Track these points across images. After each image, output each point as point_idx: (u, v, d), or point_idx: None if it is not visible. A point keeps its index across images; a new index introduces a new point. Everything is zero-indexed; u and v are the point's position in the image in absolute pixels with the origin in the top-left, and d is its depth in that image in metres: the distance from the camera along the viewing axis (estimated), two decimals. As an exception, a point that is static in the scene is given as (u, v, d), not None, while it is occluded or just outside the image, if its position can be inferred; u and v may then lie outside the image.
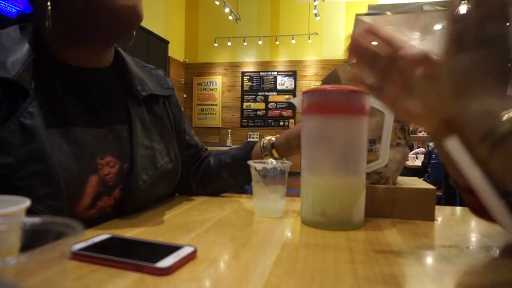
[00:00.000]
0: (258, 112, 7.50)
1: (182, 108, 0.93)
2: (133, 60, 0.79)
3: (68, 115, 0.60)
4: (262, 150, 0.83)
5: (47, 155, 0.53)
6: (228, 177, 0.86)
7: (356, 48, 0.45)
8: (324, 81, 0.78)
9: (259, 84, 7.48)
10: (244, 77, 7.54)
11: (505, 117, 0.32)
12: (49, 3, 0.59)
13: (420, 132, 4.65)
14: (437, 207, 0.68)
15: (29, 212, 0.48)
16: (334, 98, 0.59)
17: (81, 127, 0.61)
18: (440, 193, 3.44)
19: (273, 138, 0.84)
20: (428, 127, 0.48)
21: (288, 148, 0.83)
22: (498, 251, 0.50)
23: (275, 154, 0.83)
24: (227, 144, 6.91)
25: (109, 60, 0.71)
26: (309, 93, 0.62)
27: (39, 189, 0.52)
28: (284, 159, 0.84)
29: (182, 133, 0.85)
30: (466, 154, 0.32)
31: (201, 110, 7.72)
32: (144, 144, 0.69)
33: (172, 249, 0.44)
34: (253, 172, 0.68)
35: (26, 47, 0.59)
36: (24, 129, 0.53)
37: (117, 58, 0.74)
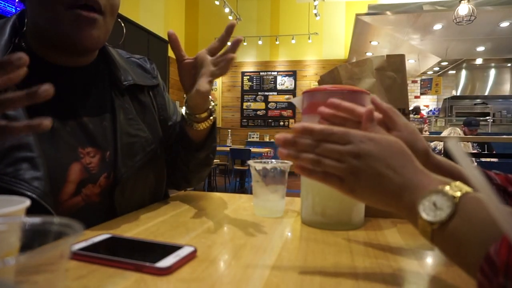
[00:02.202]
0: (258, 112, 7.50)
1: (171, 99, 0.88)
2: (116, 51, 0.78)
3: (47, 108, 0.60)
4: (184, 119, 0.73)
5: (33, 143, 0.55)
6: (178, 146, 0.79)
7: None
8: (322, 78, 0.77)
9: (259, 84, 7.48)
10: (244, 77, 7.54)
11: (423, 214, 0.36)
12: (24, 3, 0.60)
13: (425, 131, 4.65)
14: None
15: (18, 194, 0.49)
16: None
17: (60, 120, 0.62)
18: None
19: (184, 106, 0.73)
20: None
21: (190, 100, 0.69)
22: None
23: (190, 113, 0.71)
24: (227, 144, 6.90)
25: (90, 60, 0.70)
26: (309, 93, 0.62)
27: (26, 173, 0.53)
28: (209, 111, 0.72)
29: (166, 122, 0.82)
30: (466, 154, 0.32)
31: (201, 110, 7.72)
32: (128, 132, 0.69)
33: (172, 249, 0.44)
34: (253, 172, 0.68)
35: (4, 40, 0.60)
36: (6, 119, 0.53)
37: (101, 54, 0.73)
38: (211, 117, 0.74)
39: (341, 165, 0.40)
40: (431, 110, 7.99)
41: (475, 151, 4.03)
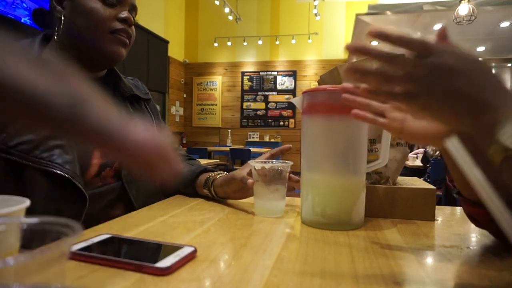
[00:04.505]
0: (258, 112, 7.50)
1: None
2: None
3: None
4: (204, 183, 0.82)
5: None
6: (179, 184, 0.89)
7: (359, 49, 0.42)
8: (322, 78, 0.77)
9: (259, 84, 7.48)
10: (244, 77, 7.54)
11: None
12: (62, 18, 0.74)
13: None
14: (437, 207, 0.68)
15: (54, 175, 0.62)
16: (334, 98, 0.59)
17: None
18: (440, 193, 3.44)
19: (218, 176, 0.81)
20: (438, 145, 0.47)
21: (224, 192, 0.79)
22: (498, 251, 0.50)
23: (212, 193, 0.81)
24: (227, 144, 6.90)
25: (103, 73, 0.86)
26: (309, 93, 0.62)
27: (60, 157, 0.64)
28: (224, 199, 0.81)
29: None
30: (466, 154, 0.32)
31: (201, 110, 7.72)
32: None
33: (172, 249, 0.44)
34: (253, 172, 0.68)
35: (34, 53, 0.71)
36: None
37: (108, 70, 0.89)
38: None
39: (417, 81, 0.36)
40: (431, 110, 7.98)
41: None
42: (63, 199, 0.64)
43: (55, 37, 0.76)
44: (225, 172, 0.83)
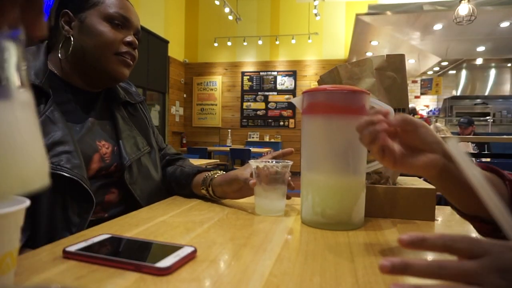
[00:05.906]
0: (258, 112, 7.50)
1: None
2: None
3: (72, 115, 0.78)
4: (202, 183, 0.81)
5: (71, 140, 0.70)
6: (173, 184, 0.91)
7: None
8: (322, 78, 0.78)
9: (259, 84, 7.48)
10: (244, 77, 7.54)
11: None
12: (71, 38, 0.77)
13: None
14: (437, 207, 0.68)
15: (65, 179, 0.65)
16: (334, 98, 0.59)
17: (80, 123, 0.79)
18: (440, 193, 3.43)
19: (216, 175, 0.80)
20: (428, 174, 0.47)
21: (223, 191, 0.77)
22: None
23: (210, 192, 0.79)
24: (227, 144, 6.90)
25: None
26: (309, 93, 0.62)
27: (68, 162, 0.67)
28: (220, 199, 0.80)
29: (154, 132, 1.01)
30: (466, 154, 0.32)
31: (201, 110, 7.72)
32: (126, 133, 0.86)
33: (172, 249, 0.44)
34: (254, 171, 0.68)
35: (42, 63, 0.75)
36: (51, 121, 0.70)
37: None
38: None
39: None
40: (431, 110, 7.99)
41: (475, 151, 4.01)
42: (70, 203, 0.67)
43: (59, 54, 0.79)
44: (222, 172, 0.82)
